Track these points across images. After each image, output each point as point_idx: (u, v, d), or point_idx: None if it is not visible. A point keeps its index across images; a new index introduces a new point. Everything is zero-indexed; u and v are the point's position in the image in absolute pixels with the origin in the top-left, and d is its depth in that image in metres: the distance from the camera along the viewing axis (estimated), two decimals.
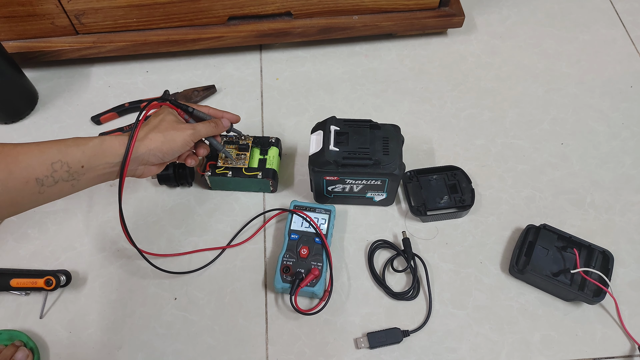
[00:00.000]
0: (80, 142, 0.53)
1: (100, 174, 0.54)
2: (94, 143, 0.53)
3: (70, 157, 0.51)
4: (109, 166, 0.54)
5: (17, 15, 0.78)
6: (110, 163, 0.54)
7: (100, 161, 0.53)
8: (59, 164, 0.50)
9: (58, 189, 0.51)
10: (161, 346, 0.65)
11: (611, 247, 0.68)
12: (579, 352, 0.64)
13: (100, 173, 0.54)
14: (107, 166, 0.54)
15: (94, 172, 0.54)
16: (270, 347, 0.65)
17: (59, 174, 0.51)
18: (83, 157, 0.52)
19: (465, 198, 0.72)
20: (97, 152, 0.53)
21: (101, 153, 0.53)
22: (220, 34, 0.85)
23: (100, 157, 0.53)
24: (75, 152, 0.52)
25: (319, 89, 0.87)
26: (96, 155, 0.53)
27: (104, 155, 0.54)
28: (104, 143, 0.54)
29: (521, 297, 0.67)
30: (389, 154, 0.64)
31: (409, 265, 0.68)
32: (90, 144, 0.53)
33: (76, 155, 0.52)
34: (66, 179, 0.51)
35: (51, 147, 0.51)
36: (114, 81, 0.88)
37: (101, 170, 0.54)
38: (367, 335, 0.64)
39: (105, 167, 0.54)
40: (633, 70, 0.89)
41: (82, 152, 0.52)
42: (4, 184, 0.48)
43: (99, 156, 0.53)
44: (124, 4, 0.79)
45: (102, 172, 0.54)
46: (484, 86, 0.87)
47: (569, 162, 0.79)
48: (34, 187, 0.49)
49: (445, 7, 0.88)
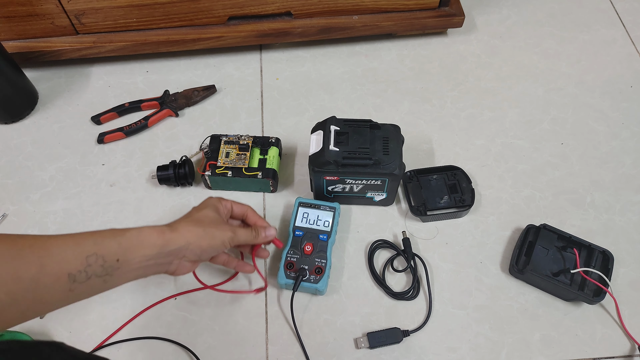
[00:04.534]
0: (117, 233, 0.49)
1: (135, 269, 0.50)
2: (131, 234, 0.50)
3: (106, 250, 0.47)
4: (144, 259, 0.51)
5: (17, 15, 0.78)
6: (146, 256, 0.51)
7: (136, 254, 0.50)
8: (94, 257, 0.46)
9: (89, 286, 0.47)
10: (161, 346, 0.65)
11: (611, 247, 0.68)
12: (579, 352, 0.64)
13: (135, 267, 0.50)
14: (143, 259, 0.50)
15: (129, 267, 0.49)
16: (270, 347, 0.65)
17: (93, 269, 0.46)
18: (119, 249, 0.48)
19: (465, 198, 0.72)
20: (134, 244, 0.50)
21: (138, 244, 0.50)
22: (220, 34, 0.85)
23: (136, 249, 0.50)
24: (112, 243, 0.48)
25: (319, 89, 0.87)
26: (132, 247, 0.50)
27: (141, 246, 0.50)
28: (141, 234, 0.51)
29: (521, 297, 0.67)
30: (389, 154, 0.64)
31: (409, 265, 0.68)
32: (127, 235, 0.50)
33: (112, 247, 0.48)
34: (99, 274, 0.47)
35: (87, 239, 0.47)
36: (114, 81, 0.88)
37: (136, 264, 0.50)
38: (367, 335, 0.64)
39: (141, 261, 0.50)
40: (633, 70, 0.89)
41: (119, 243, 0.48)
42: (35, 280, 0.42)
43: (135, 248, 0.50)
44: (124, 4, 0.79)
45: (137, 266, 0.50)
46: (484, 86, 0.87)
47: (569, 162, 0.79)
48: (65, 284, 0.44)
49: (445, 7, 0.88)
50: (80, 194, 0.76)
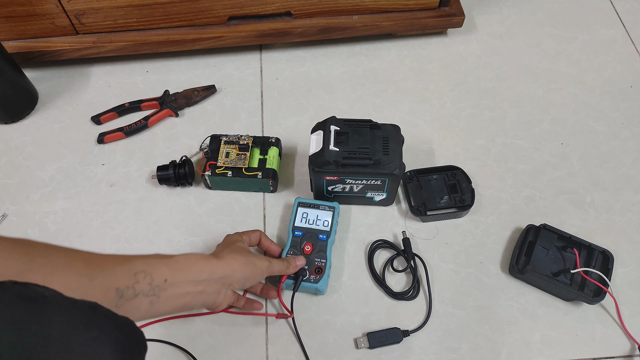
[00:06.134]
0: (165, 256, 0.51)
1: (183, 294, 0.50)
2: (179, 258, 0.51)
3: (154, 269, 0.48)
4: (192, 284, 0.51)
5: (17, 15, 0.78)
6: (194, 281, 0.51)
7: (184, 277, 0.50)
8: (143, 274, 0.47)
9: (136, 305, 0.46)
10: (160, 347, 0.65)
11: (611, 247, 0.68)
12: (579, 352, 0.64)
13: (183, 292, 0.50)
14: (191, 284, 0.51)
15: (176, 290, 0.50)
16: (270, 347, 0.65)
17: (141, 286, 0.46)
18: (167, 270, 0.49)
19: (465, 198, 0.72)
20: (182, 267, 0.51)
21: (186, 268, 0.51)
22: (220, 34, 0.85)
23: (184, 272, 0.51)
24: (160, 264, 0.49)
25: (319, 89, 0.87)
26: (181, 269, 0.50)
27: (190, 270, 0.51)
28: (189, 259, 0.52)
29: (521, 297, 0.67)
30: (389, 154, 0.64)
31: (409, 265, 0.68)
32: (175, 258, 0.51)
33: (160, 267, 0.49)
34: (147, 293, 0.47)
35: (136, 259, 0.48)
36: (114, 81, 0.88)
37: (184, 289, 0.50)
38: (367, 335, 0.64)
39: (189, 285, 0.51)
40: (633, 70, 0.89)
41: (166, 264, 0.49)
42: (84, 291, 0.42)
43: (183, 271, 0.51)
44: (124, 4, 0.79)
45: (185, 291, 0.51)
46: (484, 86, 0.87)
47: (569, 162, 0.79)
48: (113, 299, 0.44)
49: (445, 7, 0.88)
50: (80, 194, 0.76)
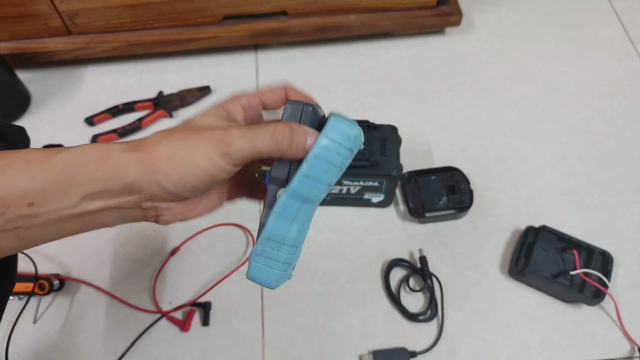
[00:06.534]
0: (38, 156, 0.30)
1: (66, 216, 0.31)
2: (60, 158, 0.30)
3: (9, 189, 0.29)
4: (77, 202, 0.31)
5: (9, 16, 0.77)
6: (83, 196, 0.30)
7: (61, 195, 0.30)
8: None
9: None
10: (155, 351, 0.64)
11: (611, 248, 0.68)
12: (578, 354, 0.63)
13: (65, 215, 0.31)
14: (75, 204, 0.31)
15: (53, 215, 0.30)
16: (266, 352, 0.64)
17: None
18: (31, 186, 0.29)
19: (464, 199, 0.72)
20: (60, 177, 0.30)
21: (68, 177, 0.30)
22: (215, 33, 0.84)
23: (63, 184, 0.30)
24: (21, 178, 0.29)
25: (316, 89, 0.86)
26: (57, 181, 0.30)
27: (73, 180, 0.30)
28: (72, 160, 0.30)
29: (521, 299, 0.67)
30: (387, 155, 0.64)
31: (425, 284, 0.66)
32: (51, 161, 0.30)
33: (19, 184, 0.29)
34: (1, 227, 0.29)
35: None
36: (108, 82, 0.87)
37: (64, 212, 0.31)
38: (373, 353, 0.62)
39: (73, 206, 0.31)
40: (632, 70, 0.88)
41: (31, 178, 0.29)
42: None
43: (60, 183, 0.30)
44: (117, 4, 0.78)
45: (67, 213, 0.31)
46: (482, 86, 0.86)
47: (568, 162, 0.78)
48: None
49: (443, 5, 0.87)
50: None
